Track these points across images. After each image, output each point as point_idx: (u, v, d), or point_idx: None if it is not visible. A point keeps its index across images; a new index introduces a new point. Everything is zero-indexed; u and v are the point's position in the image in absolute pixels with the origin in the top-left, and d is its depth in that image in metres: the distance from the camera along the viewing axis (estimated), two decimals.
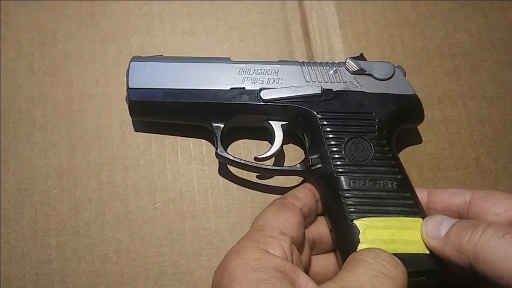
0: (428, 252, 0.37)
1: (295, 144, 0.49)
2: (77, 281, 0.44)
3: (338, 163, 0.41)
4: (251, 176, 0.48)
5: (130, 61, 0.45)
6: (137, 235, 0.45)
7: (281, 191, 0.47)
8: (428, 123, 0.50)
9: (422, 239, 0.37)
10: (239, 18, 0.53)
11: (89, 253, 0.45)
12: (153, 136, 0.48)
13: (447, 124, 0.50)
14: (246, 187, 0.47)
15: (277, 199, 0.41)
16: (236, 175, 0.48)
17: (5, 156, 0.47)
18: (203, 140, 0.49)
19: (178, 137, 0.48)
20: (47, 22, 0.52)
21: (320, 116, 0.43)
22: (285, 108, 0.44)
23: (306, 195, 0.41)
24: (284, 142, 0.46)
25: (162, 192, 0.47)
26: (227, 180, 0.48)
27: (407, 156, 0.49)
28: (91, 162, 0.47)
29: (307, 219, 0.40)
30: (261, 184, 0.48)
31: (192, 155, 0.48)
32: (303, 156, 0.47)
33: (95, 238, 0.45)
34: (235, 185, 0.47)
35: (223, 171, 0.48)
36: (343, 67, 0.45)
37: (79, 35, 0.51)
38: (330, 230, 0.41)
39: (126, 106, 0.49)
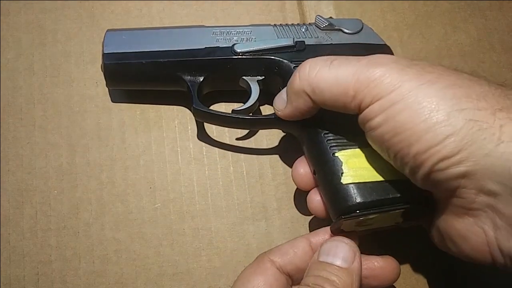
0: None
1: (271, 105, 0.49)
2: (77, 281, 0.44)
3: None
4: (250, 176, 0.48)
5: (106, 32, 0.46)
6: (137, 235, 0.45)
7: (281, 191, 0.47)
8: None
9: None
10: (238, 18, 0.53)
11: (89, 253, 0.45)
12: (153, 136, 0.49)
13: None
14: (246, 187, 0.48)
15: (262, 253, 0.39)
16: (235, 175, 0.48)
17: (5, 156, 0.47)
18: (203, 141, 0.49)
19: (177, 136, 0.49)
20: (48, 23, 0.52)
21: (294, 65, 0.44)
22: (259, 61, 0.45)
23: (295, 252, 0.38)
24: (261, 102, 0.47)
25: (162, 192, 0.47)
26: (227, 181, 0.48)
27: None
28: (91, 163, 0.47)
29: (297, 277, 0.37)
30: (261, 184, 0.48)
31: (192, 155, 0.48)
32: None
33: (95, 239, 0.45)
34: (234, 185, 0.48)
35: (223, 171, 0.48)
36: (313, 25, 0.47)
37: (79, 36, 0.51)
38: (314, 172, 0.40)
39: (126, 106, 0.49)
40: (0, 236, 0.45)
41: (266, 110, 0.50)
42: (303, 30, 0.46)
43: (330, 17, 0.48)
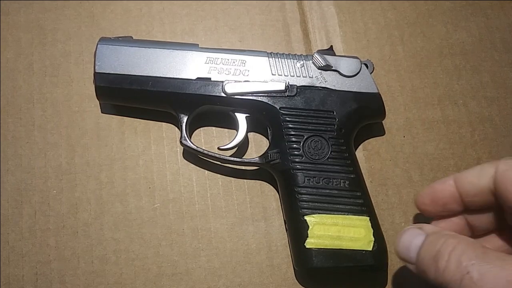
0: (370, 249, 0.40)
1: (260, 134, 0.49)
2: (76, 281, 0.44)
3: (296, 160, 0.43)
4: (250, 176, 0.48)
5: (98, 43, 0.45)
6: (136, 235, 0.45)
7: None
8: (428, 123, 0.50)
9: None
10: (238, 19, 0.53)
11: (88, 253, 0.45)
12: (152, 136, 0.48)
13: (447, 124, 0.50)
14: (245, 187, 0.47)
15: None
16: (235, 175, 0.48)
17: (5, 156, 0.47)
18: (202, 141, 0.49)
19: (177, 136, 0.48)
20: (47, 22, 0.52)
21: (282, 112, 0.44)
22: (248, 102, 0.45)
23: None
24: (250, 130, 0.47)
25: (162, 192, 0.47)
26: (226, 181, 0.47)
27: (408, 156, 0.49)
28: (91, 163, 0.47)
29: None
30: (261, 185, 0.47)
31: (191, 155, 0.48)
32: (267, 144, 0.47)
33: (94, 239, 0.45)
34: (234, 185, 0.47)
35: (223, 171, 0.48)
36: (310, 61, 0.46)
37: (79, 35, 0.51)
38: (284, 221, 0.44)
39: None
40: None
41: (255, 136, 0.49)
42: (299, 65, 0.45)
43: (331, 47, 0.47)
